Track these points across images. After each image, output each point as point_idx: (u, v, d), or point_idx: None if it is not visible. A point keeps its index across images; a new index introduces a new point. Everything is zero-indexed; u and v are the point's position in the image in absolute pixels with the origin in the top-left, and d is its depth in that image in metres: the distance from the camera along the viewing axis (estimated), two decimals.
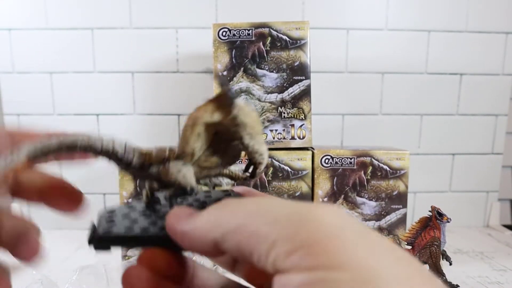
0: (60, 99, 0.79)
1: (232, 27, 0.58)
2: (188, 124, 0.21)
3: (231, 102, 0.20)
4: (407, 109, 0.82)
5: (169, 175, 0.20)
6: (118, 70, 0.78)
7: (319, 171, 0.59)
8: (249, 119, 0.21)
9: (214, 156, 0.22)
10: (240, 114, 0.21)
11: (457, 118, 0.82)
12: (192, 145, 0.21)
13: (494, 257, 0.66)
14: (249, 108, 0.21)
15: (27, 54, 0.78)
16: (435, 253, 0.48)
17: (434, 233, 0.49)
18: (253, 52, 0.58)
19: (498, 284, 0.56)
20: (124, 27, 0.77)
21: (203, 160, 0.21)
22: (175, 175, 0.20)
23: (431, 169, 0.83)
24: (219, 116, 0.21)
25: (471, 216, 0.85)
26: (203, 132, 0.21)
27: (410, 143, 0.82)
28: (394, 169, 0.59)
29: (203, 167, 0.21)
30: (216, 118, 0.21)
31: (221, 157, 0.22)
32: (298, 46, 0.58)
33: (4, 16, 0.77)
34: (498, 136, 0.83)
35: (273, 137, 0.60)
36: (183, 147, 0.21)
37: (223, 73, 0.59)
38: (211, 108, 0.21)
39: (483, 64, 0.80)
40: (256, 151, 0.22)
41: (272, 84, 0.59)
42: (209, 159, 0.21)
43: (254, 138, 0.21)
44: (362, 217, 0.60)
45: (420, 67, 0.80)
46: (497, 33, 0.79)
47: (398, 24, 0.79)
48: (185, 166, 0.21)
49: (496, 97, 0.82)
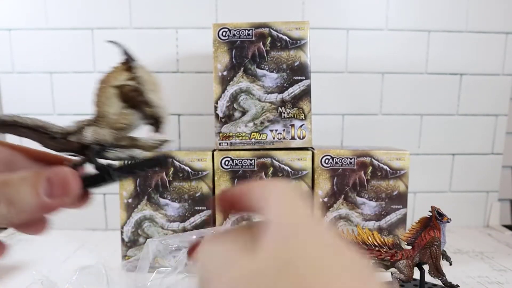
0: (60, 99, 0.79)
1: (232, 27, 0.58)
2: (98, 89, 0.24)
3: (133, 64, 0.24)
4: (407, 109, 0.82)
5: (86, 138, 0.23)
6: None
7: (319, 171, 0.59)
8: (149, 77, 0.25)
9: (125, 117, 0.25)
10: (141, 73, 0.24)
11: (457, 118, 0.82)
12: (103, 108, 0.24)
13: (494, 257, 0.66)
14: (148, 70, 0.25)
15: (27, 54, 0.78)
16: (435, 253, 0.48)
17: (434, 233, 0.49)
18: (253, 52, 0.58)
19: (498, 284, 0.56)
20: (124, 27, 0.77)
21: (115, 121, 0.24)
22: (91, 136, 0.23)
23: (431, 169, 0.83)
24: (124, 78, 0.24)
25: (471, 216, 0.85)
26: (113, 95, 0.24)
27: (410, 143, 0.82)
28: (394, 169, 0.59)
29: (116, 128, 0.24)
30: (122, 80, 0.24)
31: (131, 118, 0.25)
32: (298, 46, 0.58)
33: (4, 16, 0.76)
34: (498, 136, 0.83)
35: (273, 137, 0.60)
36: (96, 112, 0.24)
37: (223, 73, 0.59)
38: (116, 73, 0.24)
39: (483, 64, 0.80)
40: (158, 105, 0.25)
41: (272, 84, 0.59)
42: (121, 120, 0.24)
43: (154, 93, 0.25)
44: (362, 217, 0.60)
45: (420, 67, 0.80)
46: (497, 33, 0.79)
47: (398, 24, 0.79)
48: (99, 128, 0.24)
49: (496, 97, 0.82)
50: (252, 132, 0.59)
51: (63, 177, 0.20)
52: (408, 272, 0.48)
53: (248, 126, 0.59)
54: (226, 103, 0.59)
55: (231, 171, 0.59)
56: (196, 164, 0.59)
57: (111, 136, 0.24)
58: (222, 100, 0.59)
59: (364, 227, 0.60)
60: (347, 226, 0.60)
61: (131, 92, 0.24)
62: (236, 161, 0.58)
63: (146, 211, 0.60)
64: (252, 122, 0.59)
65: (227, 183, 0.59)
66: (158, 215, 0.60)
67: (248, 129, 0.59)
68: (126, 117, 0.25)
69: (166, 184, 0.59)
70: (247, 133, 0.60)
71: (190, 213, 0.60)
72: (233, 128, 0.60)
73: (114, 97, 0.24)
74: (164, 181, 0.59)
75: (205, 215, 0.60)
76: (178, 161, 0.59)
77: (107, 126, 0.24)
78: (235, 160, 0.58)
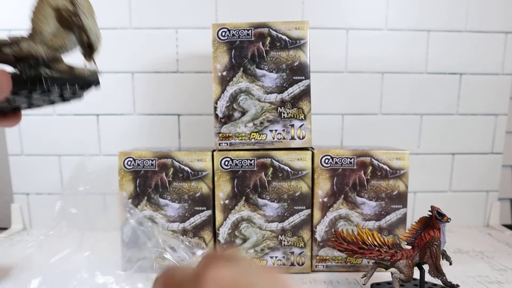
0: None
1: (231, 27, 0.58)
2: (36, 7, 0.26)
3: None
4: (407, 109, 0.82)
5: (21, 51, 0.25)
6: (118, 70, 0.78)
7: (319, 171, 0.59)
8: (86, 3, 0.26)
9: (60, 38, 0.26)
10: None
11: (457, 118, 0.82)
12: (39, 25, 0.25)
13: (494, 257, 0.66)
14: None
15: None
16: (435, 253, 0.48)
17: (434, 233, 0.49)
18: (253, 52, 0.58)
19: (498, 284, 0.56)
20: (124, 27, 0.77)
21: (50, 40, 0.26)
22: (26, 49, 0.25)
23: (431, 169, 0.83)
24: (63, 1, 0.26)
25: (471, 216, 0.85)
26: (50, 15, 0.26)
27: (410, 143, 0.82)
28: (394, 169, 0.59)
29: (51, 47, 0.26)
30: (61, 2, 0.26)
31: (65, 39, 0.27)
32: (297, 46, 0.58)
33: (4, 16, 0.77)
34: (498, 135, 0.83)
35: (273, 137, 0.60)
36: (32, 28, 0.26)
37: (223, 73, 0.59)
38: None
39: (482, 63, 0.80)
40: (91, 30, 0.26)
41: (271, 84, 0.59)
42: (56, 40, 0.26)
43: (88, 17, 0.26)
44: (362, 217, 0.60)
45: (419, 67, 0.80)
46: (496, 33, 0.79)
47: (398, 24, 0.79)
48: (34, 44, 0.25)
49: (496, 97, 0.82)
50: (252, 132, 0.60)
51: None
52: (408, 272, 0.48)
53: (247, 126, 0.59)
54: (225, 103, 0.59)
55: (231, 171, 0.59)
56: (196, 164, 0.59)
57: (46, 53, 0.26)
58: (221, 100, 0.59)
59: (364, 227, 0.60)
60: (347, 226, 0.60)
61: (68, 15, 0.26)
62: (236, 161, 0.58)
63: (146, 212, 0.60)
64: (251, 122, 0.59)
65: (227, 183, 0.59)
66: (158, 215, 0.60)
67: (248, 129, 0.59)
68: (61, 38, 0.26)
69: (166, 184, 0.59)
70: (246, 133, 0.60)
71: (190, 214, 0.60)
72: (233, 128, 0.60)
73: (51, 16, 0.26)
74: (164, 182, 0.59)
75: (205, 215, 0.60)
76: (178, 161, 0.59)
77: (42, 43, 0.26)
78: (235, 160, 0.58)
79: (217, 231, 0.60)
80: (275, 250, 0.60)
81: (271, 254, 0.60)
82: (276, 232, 0.60)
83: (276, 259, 0.60)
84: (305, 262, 0.61)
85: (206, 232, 0.60)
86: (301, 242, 0.60)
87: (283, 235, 0.60)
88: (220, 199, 0.59)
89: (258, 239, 0.60)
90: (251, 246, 0.60)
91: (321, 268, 0.61)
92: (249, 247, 0.60)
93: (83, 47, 0.28)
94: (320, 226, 0.60)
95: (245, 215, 0.59)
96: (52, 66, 0.27)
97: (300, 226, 0.60)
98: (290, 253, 0.60)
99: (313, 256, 0.61)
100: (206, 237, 0.60)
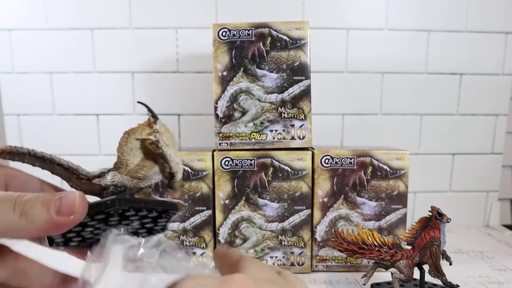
0: (60, 99, 0.79)
1: (232, 27, 0.58)
2: (123, 139, 0.27)
3: (155, 119, 0.27)
4: (407, 109, 0.82)
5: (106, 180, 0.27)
6: (118, 70, 0.78)
7: (319, 171, 0.59)
8: (167, 132, 0.27)
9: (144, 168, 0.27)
10: (160, 127, 0.27)
11: (457, 118, 0.82)
12: (125, 156, 0.27)
13: (494, 257, 0.66)
14: (167, 127, 0.28)
15: (27, 54, 0.78)
16: (435, 253, 0.48)
17: (434, 233, 0.49)
18: (253, 52, 0.58)
19: (498, 284, 0.56)
20: (124, 27, 0.77)
21: (134, 171, 0.27)
22: (110, 178, 0.26)
23: (431, 169, 0.83)
24: (147, 132, 0.27)
25: (471, 216, 0.85)
26: (135, 147, 0.27)
27: (410, 143, 0.82)
28: (394, 169, 0.59)
29: (135, 177, 0.27)
30: (145, 134, 0.27)
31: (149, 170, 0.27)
32: (298, 46, 0.58)
33: (4, 16, 0.77)
34: (498, 136, 0.83)
35: (273, 137, 0.60)
36: (118, 159, 0.27)
37: (223, 73, 0.59)
38: (141, 127, 0.27)
39: (483, 64, 0.81)
40: (173, 160, 0.27)
41: (272, 84, 0.59)
42: (140, 171, 0.27)
43: (170, 147, 0.27)
44: (362, 217, 0.60)
45: (420, 67, 0.80)
46: (496, 33, 0.79)
47: (398, 24, 0.79)
48: (119, 174, 0.27)
49: (496, 97, 0.82)
50: (252, 132, 0.60)
51: (72, 198, 0.22)
52: (408, 272, 0.48)
53: (248, 126, 0.59)
54: (226, 103, 0.59)
55: (231, 171, 0.59)
56: (196, 164, 0.59)
57: (128, 183, 0.27)
58: (222, 100, 0.59)
59: (364, 227, 0.60)
60: (347, 226, 0.60)
61: (151, 146, 0.27)
62: (236, 161, 0.58)
63: None
64: (252, 122, 0.59)
65: (227, 183, 0.59)
66: None
67: (248, 129, 0.59)
68: (145, 168, 0.27)
69: None
70: (247, 133, 0.60)
71: (190, 214, 0.60)
72: (233, 128, 0.60)
73: (136, 148, 0.27)
74: None
75: (205, 215, 0.60)
76: None
77: (126, 174, 0.27)
78: (235, 160, 0.58)
79: (217, 231, 0.60)
80: (275, 250, 0.60)
81: (271, 254, 0.60)
82: (276, 232, 0.60)
83: (276, 259, 0.60)
84: (305, 262, 0.61)
85: (206, 232, 0.60)
86: (301, 242, 0.60)
87: (283, 235, 0.60)
88: (220, 199, 0.59)
89: (258, 239, 0.60)
90: (251, 246, 0.60)
91: (321, 268, 0.61)
92: (249, 247, 0.60)
93: (164, 177, 0.28)
94: (320, 226, 0.60)
95: (245, 215, 0.59)
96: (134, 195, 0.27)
97: (300, 226, 0.60)
98: (290, 253, 0.60)
99: (313, 256, 0.61)
100: (206, 237, 0.60)
